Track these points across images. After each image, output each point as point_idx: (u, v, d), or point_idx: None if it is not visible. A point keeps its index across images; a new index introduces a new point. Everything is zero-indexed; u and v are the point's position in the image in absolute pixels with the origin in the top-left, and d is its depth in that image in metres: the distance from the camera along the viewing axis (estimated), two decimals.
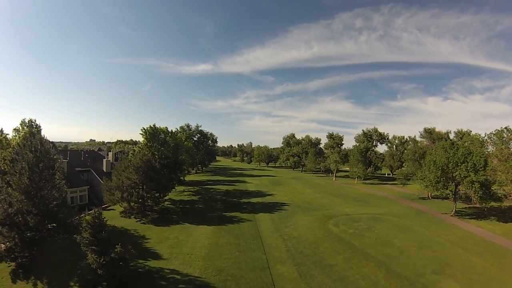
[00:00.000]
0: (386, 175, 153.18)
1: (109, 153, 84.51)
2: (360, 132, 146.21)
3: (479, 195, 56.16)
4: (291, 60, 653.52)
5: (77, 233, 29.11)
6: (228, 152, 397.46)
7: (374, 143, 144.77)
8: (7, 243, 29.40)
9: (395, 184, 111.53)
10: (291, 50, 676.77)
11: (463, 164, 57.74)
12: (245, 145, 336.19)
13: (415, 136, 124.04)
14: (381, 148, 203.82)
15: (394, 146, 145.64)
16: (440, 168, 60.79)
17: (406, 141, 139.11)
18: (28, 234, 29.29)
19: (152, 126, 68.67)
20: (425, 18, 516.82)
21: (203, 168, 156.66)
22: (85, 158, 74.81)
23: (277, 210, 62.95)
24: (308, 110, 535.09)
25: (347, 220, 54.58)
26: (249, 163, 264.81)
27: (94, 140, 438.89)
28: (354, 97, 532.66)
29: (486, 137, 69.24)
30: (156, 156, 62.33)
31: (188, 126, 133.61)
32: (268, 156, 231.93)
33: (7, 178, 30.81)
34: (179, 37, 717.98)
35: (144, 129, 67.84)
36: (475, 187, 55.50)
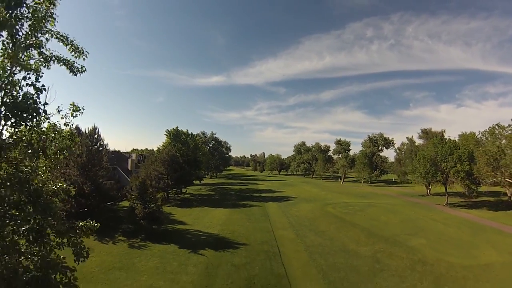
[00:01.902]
0: (394, 180, 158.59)
1: (133, 154, 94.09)
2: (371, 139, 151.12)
3: (465, 183, 62.99)
4: (303, 71, 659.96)
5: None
6: (241, 162, 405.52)
7: (379, 148, 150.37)
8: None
9: (400, 186, 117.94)
10: (303, 61, 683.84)
11: (450, 156, 64.68)
12: (258, 155, 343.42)
13: (412, 136, 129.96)
14: (391, 155, 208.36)
15: (403, 152, 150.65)
16: (429, 160, 67.84)
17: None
18: (82, 200, 38.07)
19: (175, 128, 79.20)
20: (435, 25, 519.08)
21: (217, 173, 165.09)
22: (112, 158, 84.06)
23: (284, 201, 70.85)
24: (321, 121, 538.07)
25: (344, 205, 62.12)
26: (261, 172, 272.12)
27: (109, 149, 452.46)
28: (366, 107, 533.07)
29: (480, 135, 75.80)
30: (178, 154, 71.20)
31: (203, 133, 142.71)
32: (280, 164, 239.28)
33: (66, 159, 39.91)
34: (192, 49, 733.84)
35: (168, 130, 78.66)
36: (461, 176, 62.31)
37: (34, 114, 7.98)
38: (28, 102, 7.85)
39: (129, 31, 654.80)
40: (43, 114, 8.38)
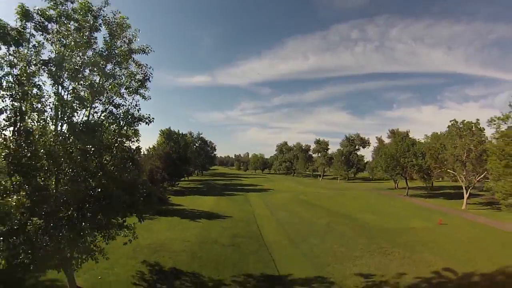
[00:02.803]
0: (371, 177, 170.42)
1: None
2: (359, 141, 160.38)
3: (420, 175, 74.70)
4: (288, 71, 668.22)
5: None
6: (226, 161, 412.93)
7: (356, 147, 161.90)
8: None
9: (374, 182, 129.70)
10: (288, 62, 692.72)
11: (407, 152, 76.21)
12: (242, 155, 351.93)
13: (381, 136, 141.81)
14: (369, 154, 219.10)
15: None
16: (389, 156, 79.28)
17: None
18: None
19: (167, 128, 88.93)
20: (419, 29, 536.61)
21: (203, 172, 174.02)
22: None
23: (264, 192, 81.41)
24: (306, 122, 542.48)
25: (315, 194, 73.02)
26: (245, 171, 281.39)
27: None
28: (350, 107, 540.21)
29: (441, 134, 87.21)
30: (171, 152, 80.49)
31: (190, 133, 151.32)
32: (263, 163, 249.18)
33: None
34: (178, 48, 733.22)
35: (161, 130, 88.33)
36: (415, 169, 73.86)
37: (142, 121, 17.86)
38: (142, 116, 17.72)
39: None
40: (142, 121, 18.15)
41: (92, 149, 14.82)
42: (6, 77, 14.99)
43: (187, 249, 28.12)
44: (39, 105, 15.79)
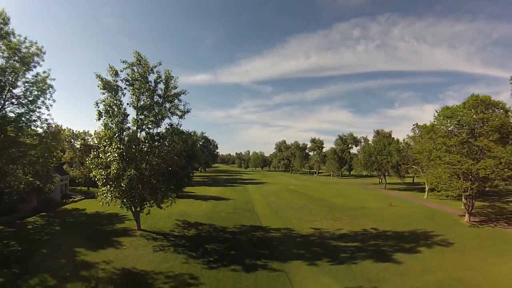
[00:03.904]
0: (364, 174, 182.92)
1: None
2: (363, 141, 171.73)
3: (394, 170, 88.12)
4: (289, 70, 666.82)
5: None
6: (227, 159, 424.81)
7: (349, 146, 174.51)
8: None
9: (364, 178, 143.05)
10: (290, 61, 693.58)
11: (383, 151, 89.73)
12: (243, 153, 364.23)
13: (366, 136, 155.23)
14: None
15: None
16: (368, 154, 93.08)
17: None
18: None
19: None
20: (421, 27, 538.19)
21: (206, 169, 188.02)
22: None
23: (261, 184, 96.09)
24: (307, 120, 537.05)
25: (303, 186, 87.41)
26: (246, 168, 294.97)
27: None
28: (352, 106, 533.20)
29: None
30: (181, 150, 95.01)
31: (194, 132, 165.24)
32: (263, 161, 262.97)
33: None
34: (180, 47, 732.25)
35: None
36: (389, 165, 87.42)
37: (185, 133, 32.14)
38: (185, 131, 32.03)
39: (117, 28, 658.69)
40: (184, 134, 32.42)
41: (164, 148, 29.48)
42: (114, 112, 29.35)
43: (203, 214, 42.96)
44: (128, 124, 30.25)
